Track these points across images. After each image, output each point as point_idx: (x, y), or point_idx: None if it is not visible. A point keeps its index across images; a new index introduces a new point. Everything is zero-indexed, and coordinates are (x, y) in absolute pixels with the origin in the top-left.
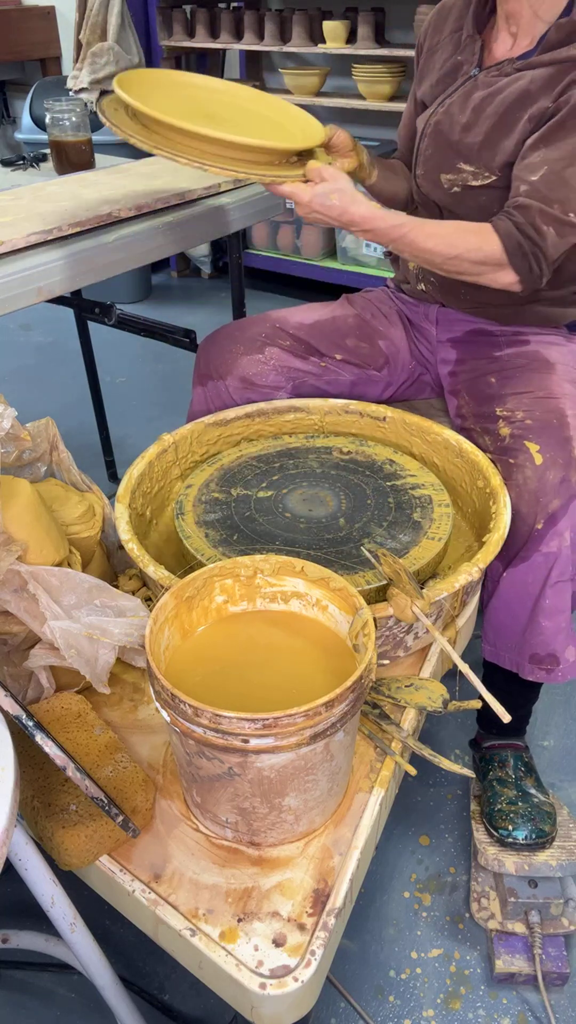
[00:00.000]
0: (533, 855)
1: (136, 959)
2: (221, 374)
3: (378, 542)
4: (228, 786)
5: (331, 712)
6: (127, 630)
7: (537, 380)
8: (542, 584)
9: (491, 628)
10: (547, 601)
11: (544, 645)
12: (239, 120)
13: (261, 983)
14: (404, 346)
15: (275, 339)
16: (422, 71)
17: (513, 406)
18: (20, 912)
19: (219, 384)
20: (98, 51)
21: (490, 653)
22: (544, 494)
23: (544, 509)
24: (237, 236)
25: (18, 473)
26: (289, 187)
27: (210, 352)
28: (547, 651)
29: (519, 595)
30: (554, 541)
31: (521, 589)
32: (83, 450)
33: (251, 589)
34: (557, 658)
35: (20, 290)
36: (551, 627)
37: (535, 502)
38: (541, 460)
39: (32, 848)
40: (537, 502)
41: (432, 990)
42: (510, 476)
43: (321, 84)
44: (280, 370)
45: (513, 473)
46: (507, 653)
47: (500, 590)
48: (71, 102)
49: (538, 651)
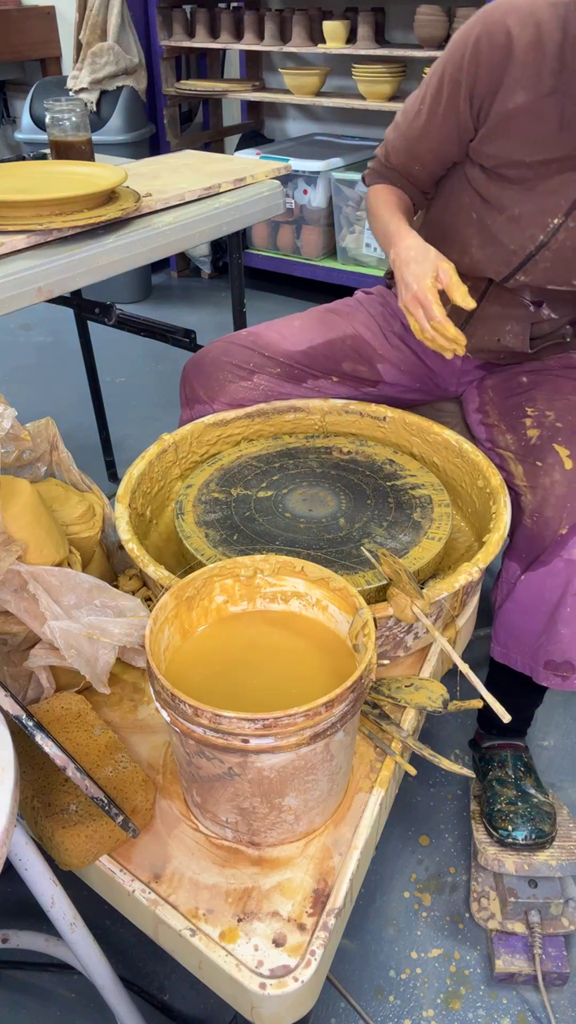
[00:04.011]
0: (533, 855)
1: (136, 959)
2: (208, 399)
3: (378, 542)
4: (228, 786)
5: (331, 712)
6: (127, 630)
7: (570, 385)
8: (563, 590)
9: (503, 629)
10: (568, 609)
11: (561, 652)
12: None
13: (261, 983)
14: (406, 366)
15: (264, 368)
16: (492, 130)
17: (544, 406)
18: (20, 912)
19: (206, 407)
20: (98, 51)
21: (500, 654)
22: (572, 499)
23: (571, 515)
24: (237, 236)
25: (18, 473)
26: None
27: (196, 378)
28: (564, 658)
29: (537, 599)
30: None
31: (540, 594)
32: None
33: (251, 589)
34: (574, 666)
35: (20, 290)
36: (569, 635)
37: (562, 507)
38: (571, 465)
39: (32, 848)
40: (564, 507)
41: (432, 990)
42: (536, 479)
43: (321, 84)
44: (270, 396)
45: (539, 476)
46: (520, 656)
47: (517, 593)
48: (71, 102)
49: (554, 658)
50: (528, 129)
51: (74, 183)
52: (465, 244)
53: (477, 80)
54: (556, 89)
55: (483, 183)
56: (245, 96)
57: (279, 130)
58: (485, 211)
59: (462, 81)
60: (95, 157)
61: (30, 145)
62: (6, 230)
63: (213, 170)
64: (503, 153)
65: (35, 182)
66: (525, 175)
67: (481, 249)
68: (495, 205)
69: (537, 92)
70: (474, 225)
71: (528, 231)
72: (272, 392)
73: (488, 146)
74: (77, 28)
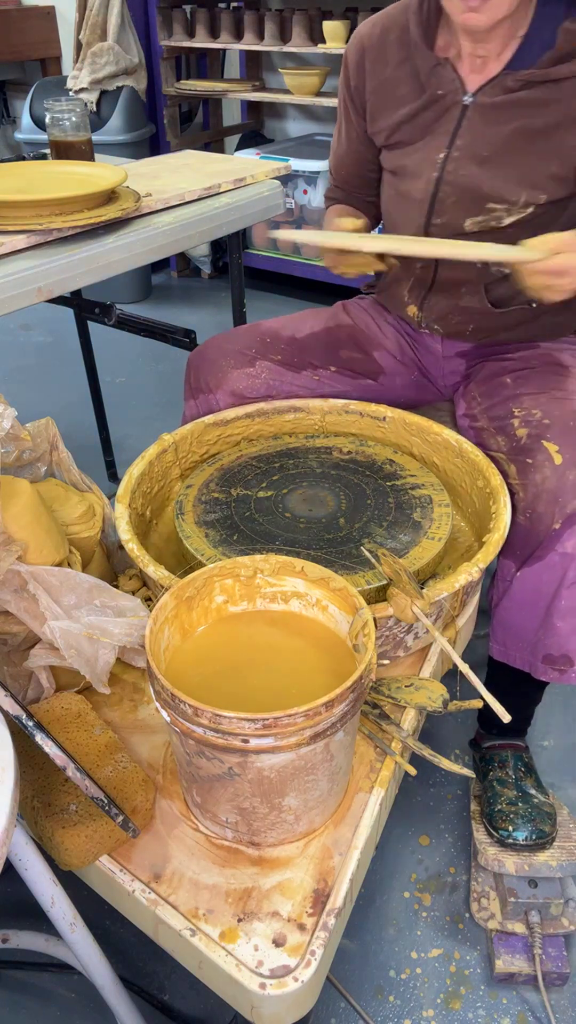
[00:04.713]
0: (533, 855)
1: (136, 959)
2: (211, 388)
3: (378, 542)
4: (228, 786)
5: (331, 712)
6: (127, 630)
7: (553, 381)
8: (558, 584)
9: (501, 627)
10: (563, 602)
11: (558, 646)
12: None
13: (261, 983)
14: (402, 356)
15: (266, 353)
16: (373, 110)
17: (530, 405)
18: (20, 912)
19: (210, 398)
20: (98, 51)
21: (499, 652)
22: (563, 494)
23: (563, 509)
24: (237, 236)
25: (18, 473)
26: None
27: (200, 366)
28: (561, 652)
29: (533, 595)
30: (571, 541)
31: (536, 589)
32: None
33: (251, 589)
34: (571, 659)
35: (20, 290)
36: (566, 628)
37: (553, 502)
38: (561, 460)
39: (32, 848)
40: (555, 502)
41: (432, 990)
42: (527, 476)
43: (321, 84)
44: (272, 384)
45: (530, 473)
46: (519, 653)
47: (513, 590)
48: (71, 102)
49: (552, 652)
50: (396, 93)
51: (74, 183)
52: (401, 223)
53: (351, 83)
54: (406, 57)
55: (388, 160)
56: (245, 96)
57: (279, 130)
58: (397, 182)
59: (347, 92)
60: (95, 157)
61: (30, 145)
62: (6, 230)
63: (213, 170)
64: (386, 122)
65: (35, 182)
66: (409, 132)
67: (406, 215)
68: (399, 172)
69: (393, 63)
70: (395, 200)
71: (425, 175)
72: (273, 380)
73: (376, 125)
74: (77, 28)
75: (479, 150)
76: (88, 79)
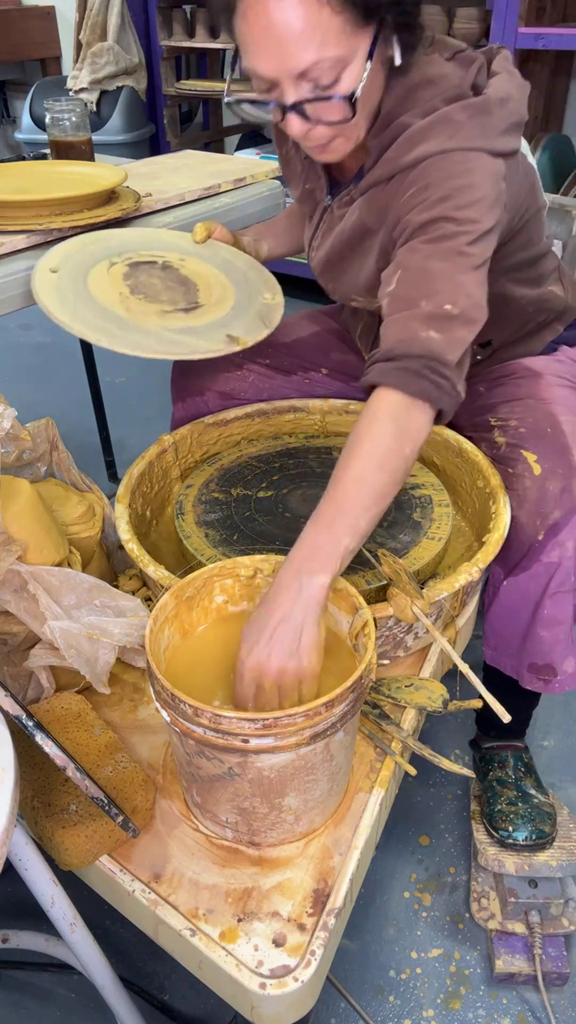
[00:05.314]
0: (533, 855)
1: (136, 959)
2: (200, 390)
3: (378, 542)
4: (228, 786)
5: (331, 712)
6: (127, 630)
7: (526, 386)
8: (541, 594)
9: (492, 633)
10: (546, 611)
11: (542, 655)
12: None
13: (261, 983)
14: None
15: (254, 357)
16: (286, 175)
17: (505, 414)
18: (20, 912)
19: (198, 400)
20: (98, 51)
21: (491, 657)
22: (545, 504)
23: (545, 520)
24: None
25: (18, 473)
26: None
27: (186, 368)
28: (545, 661)
29: (519, 603)
30: (555, 551)
31: (521, 597)
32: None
33: (251, 589)
34: (555, 669)
35: (20, 290)
36: (549, 638)
37: (536, 513)
38: (540, 470)
39: (32, 848)
40: (538, 513)
41: (432, 990)
42: (510, 484)
43: None
44: (261, 387)
45: (513, 482)
46: (507, 659)
47: (501, 597)
48: (71, 102)
49: (536, 661)
50: (294, 168)
51: (74, 183)
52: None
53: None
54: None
55: None
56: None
57: None
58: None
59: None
60: (95, 157)
61: (30, 145)
62: (6, 230)
63: (213, 170)
64: (293, 189)
65: (35, 182)
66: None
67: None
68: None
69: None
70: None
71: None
72: (262, 382)
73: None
74: (77, 28)
75: (333, 254)
76: (88, 79)
